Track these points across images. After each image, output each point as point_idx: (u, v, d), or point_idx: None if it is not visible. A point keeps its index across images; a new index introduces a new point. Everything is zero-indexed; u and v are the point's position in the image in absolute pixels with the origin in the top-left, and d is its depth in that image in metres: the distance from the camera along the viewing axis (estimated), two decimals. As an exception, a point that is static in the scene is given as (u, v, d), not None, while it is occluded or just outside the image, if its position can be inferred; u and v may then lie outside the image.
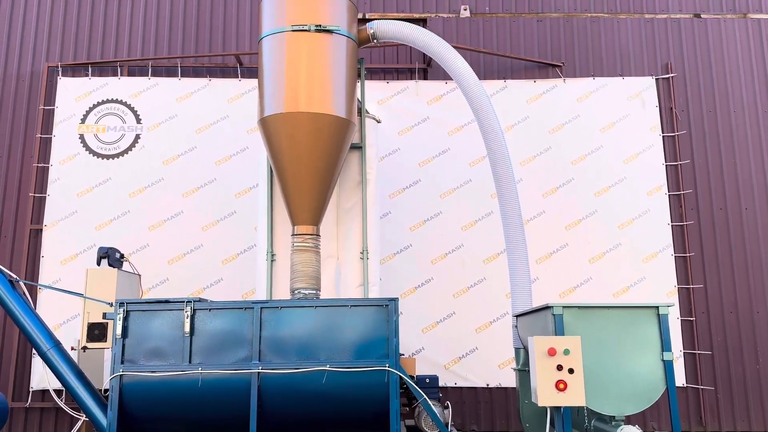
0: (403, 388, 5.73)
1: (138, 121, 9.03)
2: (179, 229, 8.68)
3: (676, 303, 8.56)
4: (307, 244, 6.30)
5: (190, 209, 8.75)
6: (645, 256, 8.67)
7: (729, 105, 9.20)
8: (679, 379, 8.38)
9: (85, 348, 6.59)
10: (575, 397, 4.62)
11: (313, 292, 6.21)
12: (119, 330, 5.51)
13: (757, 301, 8.67)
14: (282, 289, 6.69)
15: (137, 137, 8.97)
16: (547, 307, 5.09)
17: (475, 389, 8.44)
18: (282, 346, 5.45)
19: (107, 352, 7.50)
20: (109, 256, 6.92)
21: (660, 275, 8.63)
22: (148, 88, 9.11)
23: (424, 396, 5.52)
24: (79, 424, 7.43)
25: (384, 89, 9.11)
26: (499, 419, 8.41)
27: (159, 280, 8.53)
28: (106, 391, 6.06)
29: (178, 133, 8.97)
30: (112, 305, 6.41)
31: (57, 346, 5.94)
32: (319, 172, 6.26)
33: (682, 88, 9.25)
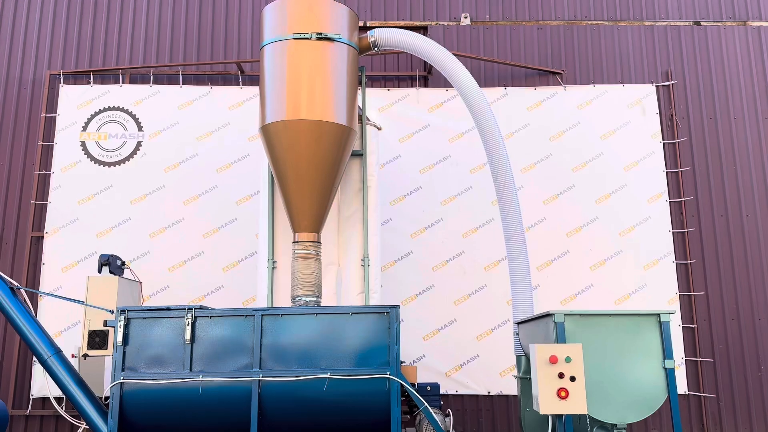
0: (405, 395, 5.73)
1: (139, 128, 9.05)
2: (180, 236, 8.69)
3: (677, 310, 8.55)
4: (308, 252, 6.30)
5: (191, 216, 8.76)
6: (646, 263, 8.66)
7: (729, 112, 9.22)
8: (681, 387, 8.35)
9: (85, 355, 6.58)
10: (577, 405, 4.61)
11: (314, 300, 6.21)
12: (120, 337, 5.52)
13: (759, 308, 8.66)
14: (283, 297, 6.69)
15: (138, 144, 8.99)
16: (549, 314, 5.08)
17: (477, 397, 8.41)
18: (283, 354, 5.44)
19: (108, 359, 7.49)
20: (110, 264, 6.91)
21: (661, 282, 8.62)
22: (149, 95, 9.14)
23: (426, 404, 5.51)
24: None
25: (385, 96, 9.13)
26: (500, 427, 8.38)
27: (160, 287, 8.53)
28: (106, 399, 6.06)
29: (179, 141, 8.99)
30: (113, 312, 6.42)
31: (58, 353, 5.94)
32: (320, 179, 6.27)
33: (683, 95, 9.27)
